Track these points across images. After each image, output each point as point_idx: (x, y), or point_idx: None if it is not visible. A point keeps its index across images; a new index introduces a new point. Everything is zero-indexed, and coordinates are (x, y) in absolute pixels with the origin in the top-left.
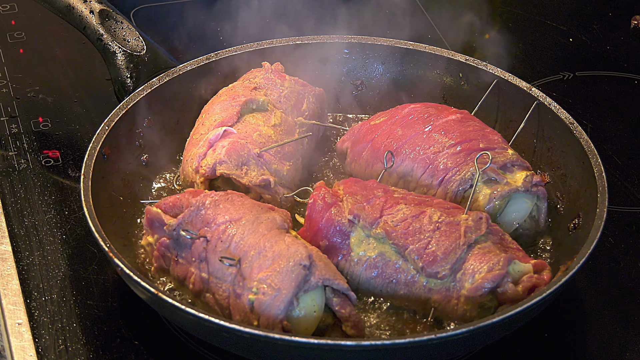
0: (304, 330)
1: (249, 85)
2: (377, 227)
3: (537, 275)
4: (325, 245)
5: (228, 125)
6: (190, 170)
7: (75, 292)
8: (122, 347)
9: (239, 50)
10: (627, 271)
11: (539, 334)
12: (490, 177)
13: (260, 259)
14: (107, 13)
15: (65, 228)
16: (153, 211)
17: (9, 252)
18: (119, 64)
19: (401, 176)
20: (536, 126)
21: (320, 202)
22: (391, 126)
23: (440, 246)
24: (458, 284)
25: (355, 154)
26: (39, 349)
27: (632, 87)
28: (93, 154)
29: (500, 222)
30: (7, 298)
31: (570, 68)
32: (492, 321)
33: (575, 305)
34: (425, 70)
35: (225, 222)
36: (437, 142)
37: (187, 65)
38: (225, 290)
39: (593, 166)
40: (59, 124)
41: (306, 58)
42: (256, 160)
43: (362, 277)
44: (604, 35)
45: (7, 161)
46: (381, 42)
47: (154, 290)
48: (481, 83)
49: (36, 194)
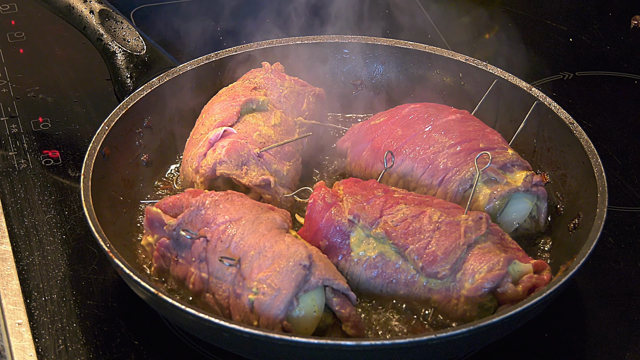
0: (304, 330)
1: (249, 85)
2: (377, 227)
3: (537, 275)
4: (325, 245)
5: (228, 125)
6: (190, 170)
7: (75, 292)
8: (122, 347)
9: (239, 50)
10: (627, 271)
11: (539, 334)
12: (490, 177)
13: (260, 259)
14: (107, 13)
15: (65, 228)
16: (153, 211)
17: (9, 252)
18: (119, 64)
19: (401, 176)
20: (536, 126)
21: (320, 202)
22: (391, 126)
23: (440, 246)
24: (458, 284)
25: (355, 154)
26: (39, 349)
27: (632, 87)
28: (93, 154)
29: (500, 222)
30: (7, 298)
31: (570, 68)
32: (492, 321)
33: (575, 305)
34: (425, 70)
35: (225, 222)
36: (437, 142)
37: (187, 65)
38: (225, 290)
39: (593, 166)
40: (59, 124)
41: (306, 58)
42: (256, 160)
43: (362, 277)
44: (604, 35)
45: (7, 161)
46: (381, 42)
47: (154, 290)
48: (481, 83)
49: (36, 194)
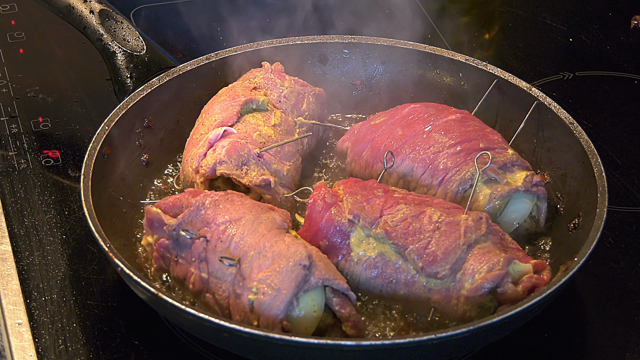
0: (304, 330)
1: (249, 85)
2: (377, 227)
3: (537, 276)
4: (325, 245)
5: (228, 125)
6: (190, 170)
7: (75, 292)
8: (122, 347)
9: (239, 50)
10: (627, 271)
11: (539, 334)
12: (490, 177)
13: (260, 259)
14: (107, 13)
15: (65, 228)
16: (153, 211)
17: (9, 252)
18: (119, 64)
19: (401, 176)
20: (536, 126)
21: (320, 202)
22: (391, 126)
23: (440, 246)
24: (458, 284)
25: (355, 154)
26: (39, 349)
27: (632, 87)
28: (93, 154)
29: (500, 222)
30: (7, 298)
31: (570, 68)
32: (492, 321)
33: (575, 305)
34: (425, 70)
35: (225, 222)
36: (437, 142)
37: (187, 65)
38: (225, 290)
39: (593, 166)
40: (59, 124)
41: (306, 58)
42: (256, 160)
43: (362, 277)
44: (604, 35)
45: (7, 161)
46: (381, 42)
47: (154, 290)
48: (481, 83)
49: (36, 194)
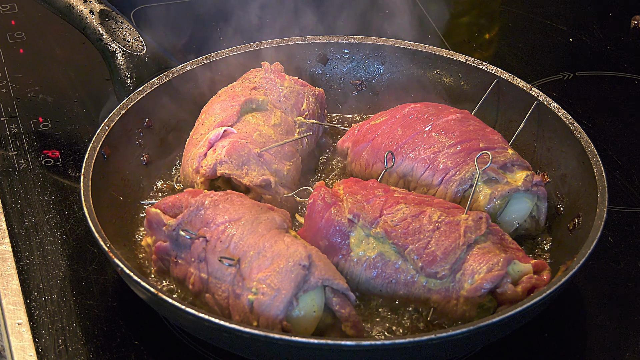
0: (303, 330)
1: (249, 85)
2: (376, 226)
3: (537, 276)
4: (325, 245)
5: (228, 125)
6: (190, 170)
7: (75, 292)
8: (122, 347)
9: (238, 50)
10: (627, 271)
11: (539, 334)
12: (490, 176)
13: (259, 259)
14: (107, 13)
15: (65, 228)
16: (152, 212)
17: (9, 252)
18: (119, 64)
19: (401, 176)
20: (536, 126)
21: (320, 202)
22: (391, 126)
23: (440, 246)
24: (457, 284)
25: (355, 154)
26: (39, 349)
27: (632, 87)
28: (93, 154)
29: (500, 222)
30: (7, 298)
31: (570, 68)
32: (492, 321)
33: (575, 305)
34: (425, 70)
35: (225, 222)
36: (437, 142)
37: (187, 65)
38: (225, 290)
39: (593, 166)
40: (59, 124)
41: (306, 58)
42: (256, 160)
43: (361, 277)
44: (604, 35)
45: (7, 161)
46: (381, 42)
47: (154, 290)
48: (481, 83)
49: (36, 194)
